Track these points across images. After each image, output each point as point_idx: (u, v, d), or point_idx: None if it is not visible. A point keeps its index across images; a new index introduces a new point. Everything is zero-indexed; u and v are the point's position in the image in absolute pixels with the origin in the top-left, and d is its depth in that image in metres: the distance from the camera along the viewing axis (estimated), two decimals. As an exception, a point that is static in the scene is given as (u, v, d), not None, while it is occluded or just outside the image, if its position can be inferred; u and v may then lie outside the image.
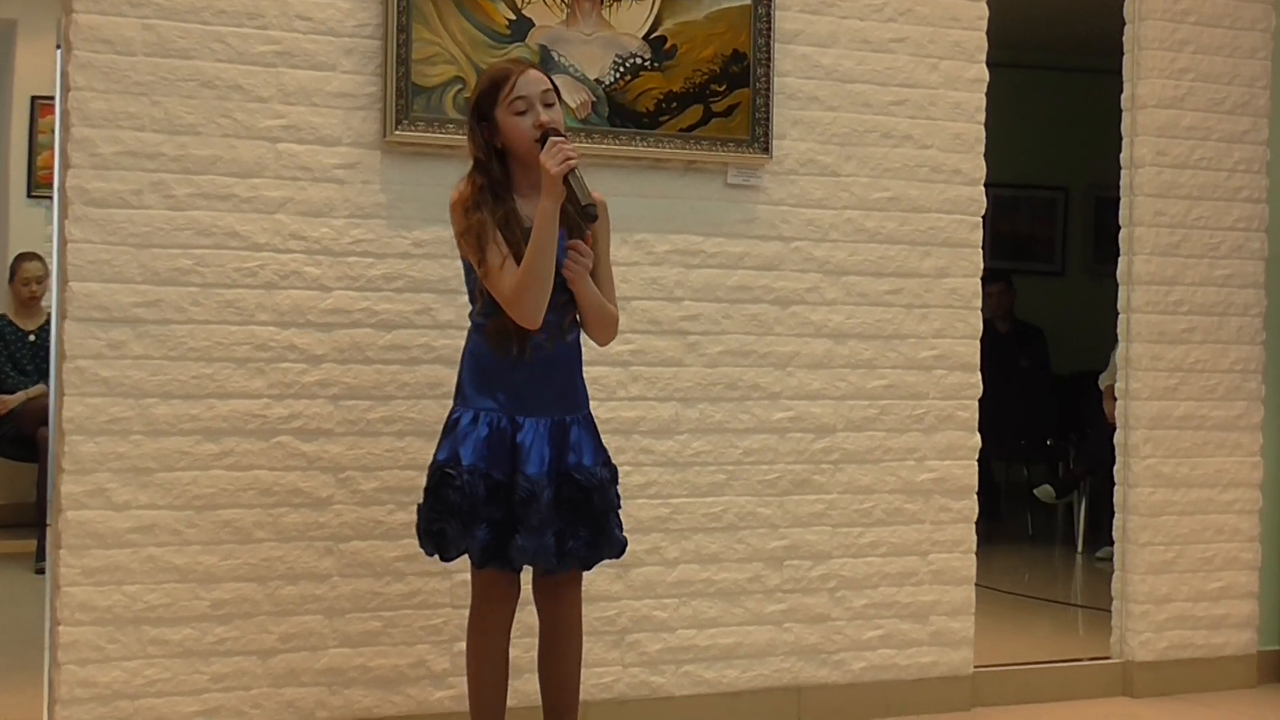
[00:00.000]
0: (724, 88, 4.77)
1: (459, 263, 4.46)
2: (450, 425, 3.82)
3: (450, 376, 4.44)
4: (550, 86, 3.83)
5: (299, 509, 4.37)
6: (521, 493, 3.73)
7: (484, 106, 3.81)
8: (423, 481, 4.39)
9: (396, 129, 4.40)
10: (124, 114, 4.20)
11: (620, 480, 4.00)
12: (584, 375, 3.95)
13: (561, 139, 3.71)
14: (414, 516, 4.40)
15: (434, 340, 4.48)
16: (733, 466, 4.85)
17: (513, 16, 4.54)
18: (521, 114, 3.76)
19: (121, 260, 4.21)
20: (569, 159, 3.67)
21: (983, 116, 5.18)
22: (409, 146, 4.46)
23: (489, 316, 3.79)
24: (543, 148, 3.70)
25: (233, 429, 4.30)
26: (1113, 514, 5.57)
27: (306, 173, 4.37)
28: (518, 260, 3.70)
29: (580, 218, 3.74)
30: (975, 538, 5.20)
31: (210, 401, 4.28)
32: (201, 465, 4.28)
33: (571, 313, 3.85)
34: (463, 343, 4.38)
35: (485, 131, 3.81)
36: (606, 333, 3.93)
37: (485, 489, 3.74)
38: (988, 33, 5.19)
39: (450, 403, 3.93)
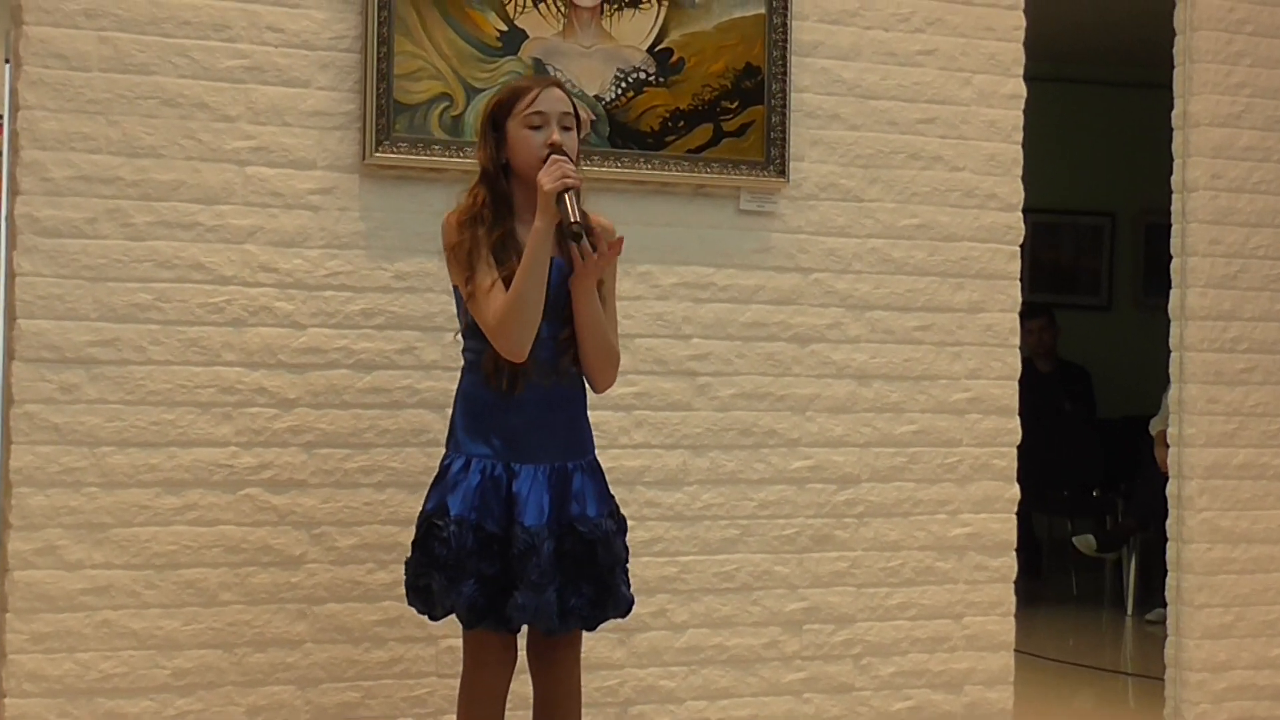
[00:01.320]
0: (736, 105, 4.78)
1: (445, 297, 4.48)
2: (440, 473, 3.83)
3: (436, 422, 4.45)
4: (571, 111, 3.87)
5: (269, 568, 4.36)
6: (519, 545, 3.73)
7: (498, 116, 3.86)
8: (405, 537, 4.40)
9: (377, 150, 4.41)
10: (78, 135, 4.21)
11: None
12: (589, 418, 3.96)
13: (565, 159, 3.75)
14: (395, 576, 4.38)
15: (418, 383, 4.48)
16: (747, 521, 4.84)
17: (504, 27, 4.55)
18: (534, 129, 3.80)
19: (75, 295, 4.21)
20: (567, 178, 3.70)
21: (1020, 135, 5.19)
22: (391, 170, 4.47)
23: (482, 350, 3.79)
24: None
25: (196, 480, 4.30)
26: (1165, 572, 5.55)
27: (278, 199, 4.38)
28: (509, 286, 3.72)
29: (561, 235, 3.75)
30: (1014, 599, 5.18)
31: (171, 450, 4.28)
32: (162, 520, 4.27)
33: (572, 351, 3.86)
34: (449, 385, 4.39)
35: (495, 143, 3.85)
36: (607, 373, 3.92)
37: (475, 541, 3.73)
38: (1025, 44, 5.20)
39: (440, 449, 3.92)
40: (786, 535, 4.88)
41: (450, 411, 3.93)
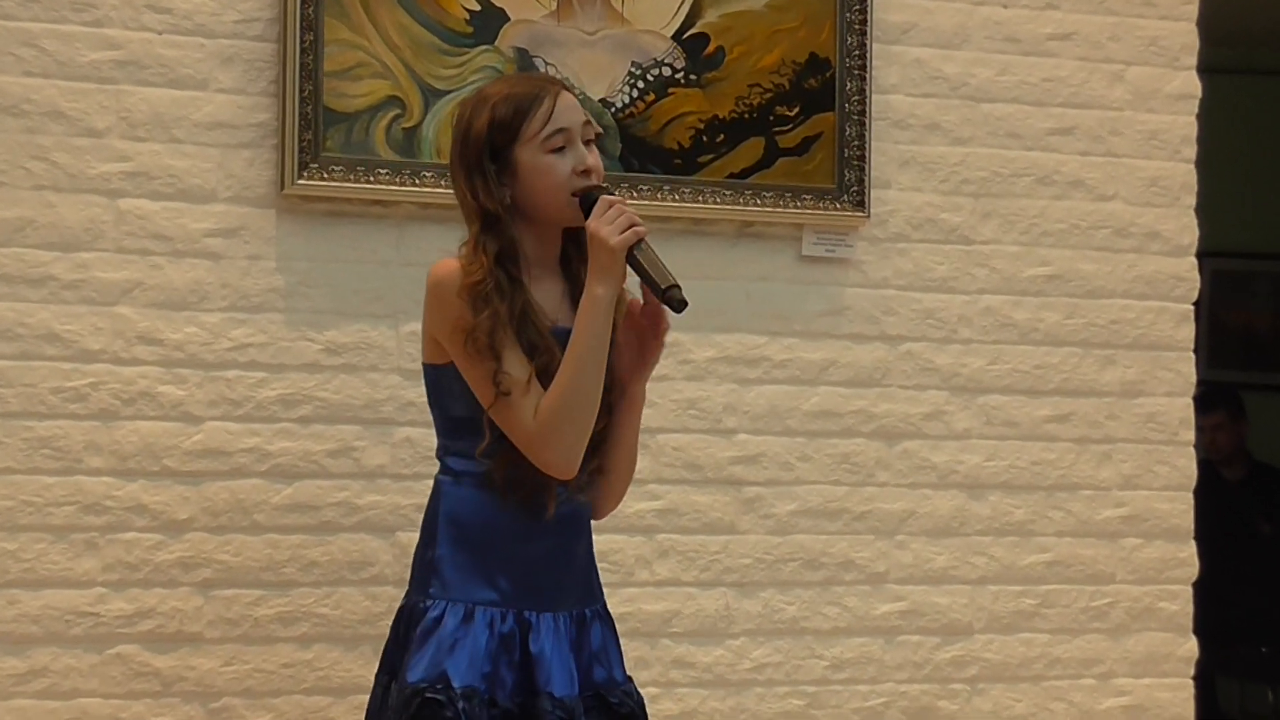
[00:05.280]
0: (796, 111, 4.81)
1: (396, 378, 4.48)
2: (426, 626, 3.75)
3: (383, 550, 4.44)
4: (590, 118, 3.85)
5: (149, 756, 4.36)
6: None
7: (499, 140, 3.78)
8: (337, 712, 4.38)
9: (300, 176, 4.42)
10: (-114, 157, 4.25)
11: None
12: None
13: (617, 199, 3.72)
14: (324, 767, 4.36)
15: (358, 496, 4.49)
16: (814, 688, 4.82)
17: (476, 6, 4.57)
18: (558, 151, 3.77)
19: (-119, 377, 4.23)
20: (635, 226, 3.67)
21: (1194, 151, 5.20)
22: (320, 203, 4.48)
23: (492, 453, 3.78)
24: (585, 208, 3.71)
25: (47, 635, 4.28)
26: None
27: (163, 243, 4.39)
28: (543, 379, 3.70)
29: (668, 307, 3.73)
30: (1193, 797, 5.18)
31: (12, 594, 4.27)
32: None
33: (598, 455, 3.84)
34: (401, 499, 4.40)
35: (498, 176, 3.79)
36: (622, 494, 3.95)
37: None
38: (1200, 23, 5.22)
39: (388, 587, 3.92)
40: (871, 708, 4.87)
41: (420, 541, 3.86)
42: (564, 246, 3.82)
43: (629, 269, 3.70)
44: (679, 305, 3.68)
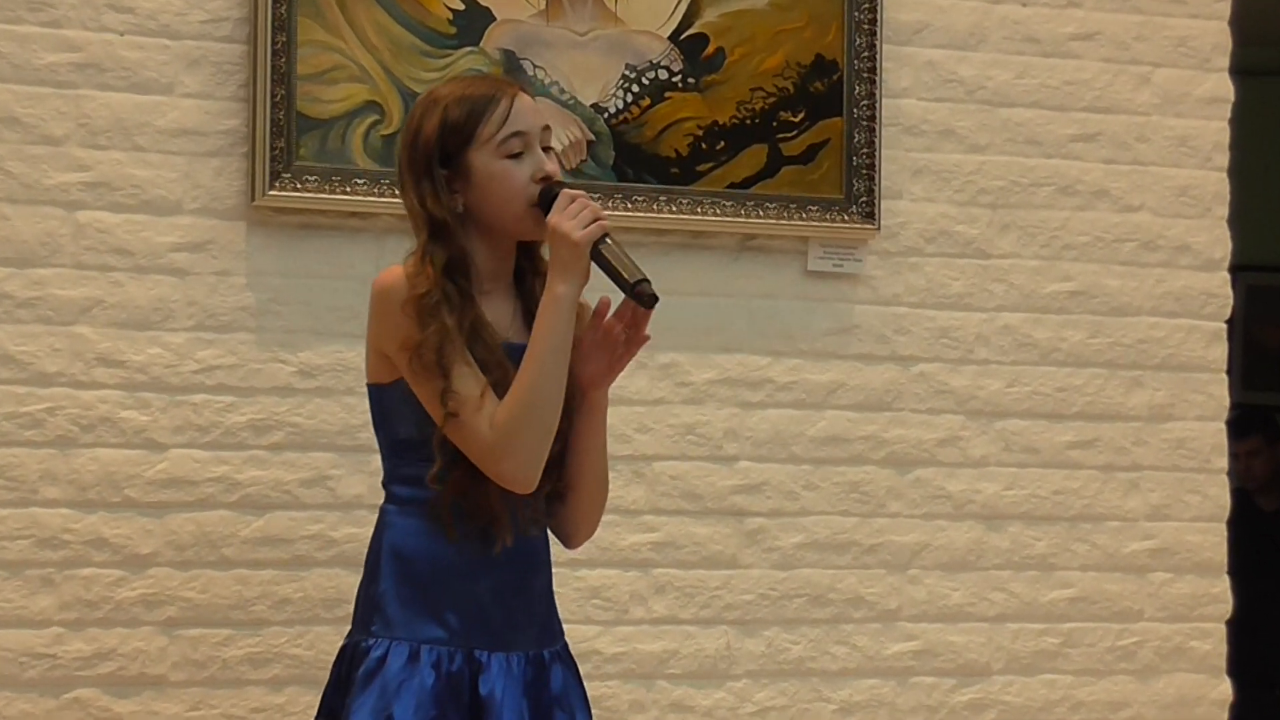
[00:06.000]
0: (801, 117, 4.79)
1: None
2: (369, 667, 3.73)
3: (361, 587, 4.42)
4: (551, 125, 3.86)
5: (109, 807, 4.33)
6: None
7: (451, 144, 3.76)
8: (309, 761, 4.35)
9: (272, 187, 4.41)
10: None
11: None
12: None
13: (579, 192, 3.70)
14: (294, 820, 4.34)
15: (333, 528, 4.47)
16: (822, 733, 4.80)
17: (460, 6, 4.57)
18: (515, 156, 3.75)
19: None
20: (599, 219, 3.66)
21: (1226, 158, 5.19)
22: (293, 215, 4.47)
23: (443, 482, 3.72)
24: (545, 204, 3.69)
25: (0, 678, 4.26)
26: None
27: (125, 259, 4.37)
28: (498, 392, 3.67)
29: (637, 302, 3.72)
30: None
31: (-36, 632, 4.26)
32: (-50, 737, 4.24)
33: (554, 478, 3.82)
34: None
35: (449, 183, 3.77)
36: (597, 519, 3.92)
37: None
38: (1233, 22, 5.20)
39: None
40: (882, 754, 4.85)
41: (364, 575, 3.84)
42: (518, 261, 3.81)
43: (594, 266, 3.68)
44: (649, 300, 3.67)
